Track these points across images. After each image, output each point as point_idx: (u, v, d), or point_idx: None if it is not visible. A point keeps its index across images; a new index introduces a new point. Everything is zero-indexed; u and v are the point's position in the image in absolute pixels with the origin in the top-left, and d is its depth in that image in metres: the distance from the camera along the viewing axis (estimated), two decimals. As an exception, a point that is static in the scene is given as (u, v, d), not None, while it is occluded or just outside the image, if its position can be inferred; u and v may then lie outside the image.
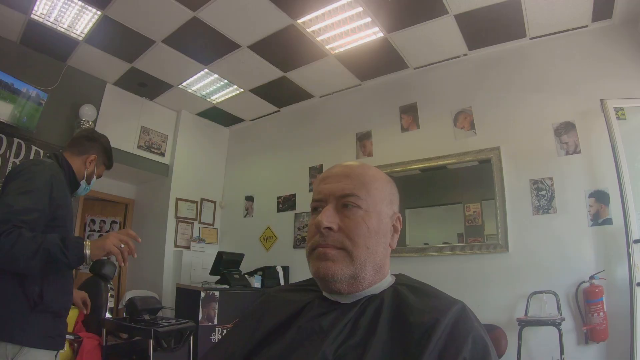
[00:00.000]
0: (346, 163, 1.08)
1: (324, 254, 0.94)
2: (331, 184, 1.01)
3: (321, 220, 0.94)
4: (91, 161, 2.12)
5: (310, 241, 0.99)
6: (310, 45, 4.90)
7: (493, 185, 4.60)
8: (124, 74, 5.66)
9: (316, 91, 6.16)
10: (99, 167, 2.18)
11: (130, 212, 6.91)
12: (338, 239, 0.94)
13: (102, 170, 2.21)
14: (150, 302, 4.17)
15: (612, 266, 3.79)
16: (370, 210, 0.97)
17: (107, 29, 4.64)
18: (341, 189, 0.98)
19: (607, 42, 4.28)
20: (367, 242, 0.94)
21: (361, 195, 0.97)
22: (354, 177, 1.00)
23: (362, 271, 0.94)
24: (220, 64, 5.40)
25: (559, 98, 4.38)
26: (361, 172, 1.02)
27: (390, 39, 4.76)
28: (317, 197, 1.02)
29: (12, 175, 1.75)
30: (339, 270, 0.92)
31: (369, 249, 0.94)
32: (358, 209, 0.96)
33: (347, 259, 0.93)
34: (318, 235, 0.96)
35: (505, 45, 4.83)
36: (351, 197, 0.96)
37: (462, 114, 4.99)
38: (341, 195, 0.97)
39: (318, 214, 0.98)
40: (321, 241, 0.95)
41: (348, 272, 0.93)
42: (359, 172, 1.02)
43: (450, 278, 4.54)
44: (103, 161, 2.20)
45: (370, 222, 0.96)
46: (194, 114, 6.93)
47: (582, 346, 3.82)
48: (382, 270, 0.99)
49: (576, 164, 4.18)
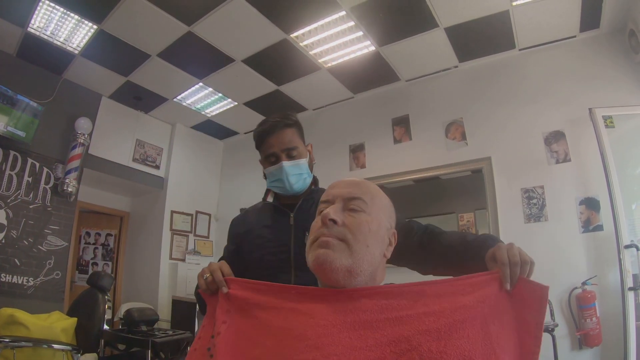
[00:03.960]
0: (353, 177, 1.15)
1: (326, 242, 0.97)
2: (339, 188, 1.08)
3: (328, 212, 0.99)
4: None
5: (313, 234, 1.03)
6: (303, 59, 4.96)
7: (485, 195, 4.65)
8: (119, 88, 5.69)
9: (309, 104, 6.22)
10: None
11: (126, 225, 6.90)
12: (341, 231, 0.98)
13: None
14: (147, 313, 4.18)
15: (604, 271, 3.83)
16: (373, 215, 1.03)
17: (103, 42, 4.67)
18: (348, 192, 1.05)
19: (595, 51, 4.37)
20: (367, 240, 0.99)
21: (366, 200, 1.04)
22: (361, 185, 1.08)
23: (359, 266, 0.97)
24: (215, 78, 5.44)
25: (549, 107, 4.45)
26: (367, 184, 1.10)
27: (382, 52, 4.83)
28: (325, 199, 1.08)
29: None
30: (337, 259, 0.95)
31: (368, 247, 0.98)
32: (362, 212, 1.02)
33: (346, 251, 0.96)
34: (322, 227, 1.00)
35: (495, 56, 4.91)
36: (357, 200, 1.03)
37: (453, 125, 5.05)
38: (348, 197, 1.04)
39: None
40: (324, 231, 0.99)
41: (346, 263, 0.95)
42: (366, 183, 1.10)
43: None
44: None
45: (372, 225, 1.01)
46: (189, 127, 6.95)
47: (575, 351, 3.85)
48: (377, 273, 1.03)
49: (566, 172, 4.24)
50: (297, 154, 1.70)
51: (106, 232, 6.79)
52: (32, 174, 4.94)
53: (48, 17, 4.36)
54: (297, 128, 1.75)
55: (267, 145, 1.70)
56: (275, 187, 1.73)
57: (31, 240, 4.82)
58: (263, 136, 1.71)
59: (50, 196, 5.07)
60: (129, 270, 6.65)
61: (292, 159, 1.69)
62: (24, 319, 3.43)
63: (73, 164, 5.15)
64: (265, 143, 1.71)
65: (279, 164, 1.67)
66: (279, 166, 1.67)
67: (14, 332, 3.36)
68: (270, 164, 1.71)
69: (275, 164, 1.69)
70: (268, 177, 1.75)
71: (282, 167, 1.66)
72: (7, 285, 4.55)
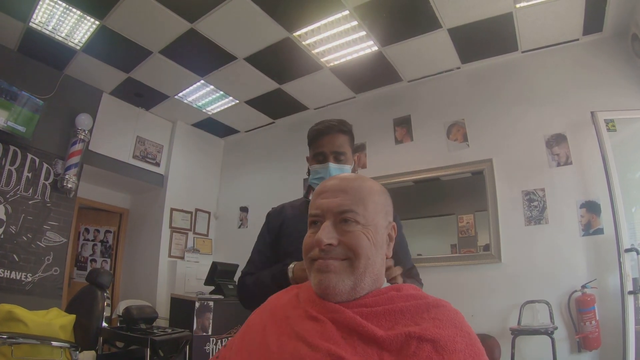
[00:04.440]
0: (342, 175, 1.10)
1: (326, 265, 0.94)
2: (328, 198, 1.01)
3: (321, 238, 0.94)
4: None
5: (308, 253, 1.00)
6: (306, 58, 4.95)
7: (486, 196, 4.65)
8: (120, 84, 5.68)
9: (311, 103, 6.21)
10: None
11: (125, 222, 6.90)
12: (340, 252, 0.95)
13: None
14: (146, 311, 4.17)
15: (604, 275, 3.84)
16: (367, 224, 0.98)
17: (105, 38, 4.66)
18: (338, 204, 0.98)
19: (598, 55, 4.37)
20: (368, 253, 0.95)
21: (358, 211, 0.98)
22: (350, 192, 1.00)
23: (362, 281, 0.95)
24: (217, 76, 5.43)
25: (550, 110, 4.46)
26: (357, 186, 1.03)
27: (384, 52, 4.82)
28: (314, 212, 1.02)
29: None
30: (340, 282, 0.93)
31: (369, 260, 0.95)
32: (356, 224, 0.97)
33: (348, 270, 0.94)
34: (318, 250, 0.96)
35: (498, 58, 4.91)
36: (349, 213, 0.97)
37: (455, 127, 5.05)
38: (339, 211, 0.98)
39: (317, 229, 0.99)
40: (322, 255, 0.96)
41: (349, 283, 0.93)
42: (356, 186, 1.02)
43: (444, 288, 4.52)
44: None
45: (369, 235, 0.97)
46: (190, 124, 6.94)
47: (575, 355, 3.85)
48: (378, 280, 1.00)
49: (567, 175, 4.25)
50: (344, 159, 1.81)
51: (105, 229, 6.78)
52: (32, 170, 4.93)
53: (50, 12, 4.35)
54: (350, 137, 1.86)
55: (318, 144, 1.81)
56: (316, 184, 1.79)
57: (30, 236, 4.81)
58: (317, 135, 1.82)
59: (50, 192, 5.06)
60: (127, 268, 6.64)
61: (338, 162, 1.79)
62: (22, 315, 3.41)
63: (73, 160, 5.13)
64: (318, 142, 1.81)
65: (325, 163, 1.78)
66: (325, 165, 1.78)
67: (12, 328, 3.34)
68: (317, 162, 1.82)
69: (322, 163, 1.79)
70: (312, 173, 1.84)
71: (328, 167, 1.77)
72: (6, 281, 4.55)
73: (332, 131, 1.80)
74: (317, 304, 0.96)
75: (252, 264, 1.80)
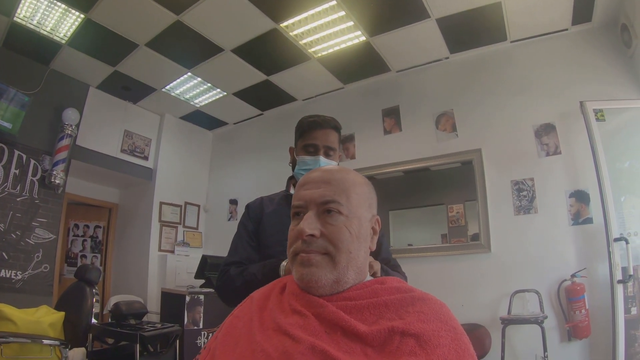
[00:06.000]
0: (325, 167, 1.09)
1: (308, 260, 0.93)
2: (311, 189, 1.00)
3: (303, 228, 0.94)
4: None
5: (291, 247, 0.99)
6: (293, 48, 4.91)
7: (475, 186, 4.65)
8: (107, 78, 5.62)
9: (299, 94, 6.18)
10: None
11: (114, 217, 6.86)
12: (321, 245, 0.94)
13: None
14: (135, 306, 4.15)
15: (593, 264, 3.86)
16: (351, 215, 0.97)
17: (91, 32, 4.61)
18: (321, 195, 0.98)
19: (587, 45, 4.37)
20: (349, 247, 0.94)
21: (342, 201, 0.97)
22: (333, 183, 1.00)
23: (345, 275, 0.94)
24: (204, 68, 5.39)
25: (540, 100, 4.45)
26: (341, 178, 1.02)
27: (372, 42, 4.79)
28: (298, 202, 1.01)
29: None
30: (322, 277, 0.92)
31: (351, 254, 0.95)
32: (339, 215, 0.96)
33: (330, 264, 0.93)
34: (300, 242, 0.95)
35: (487, 48, 4.90)
36: (332, 203, 0.96)
37: (444, 117, 5.04)
38: (322, 201, 0.97)
39: (299, 220, 0.98)
40: (304, 247, 0.95)
41: (331, 277, 0.93)
42: (339, 178, 1.02)
43: (434, 278, 4.57)
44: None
45: (351, 228, 0.96)
46: (178, 117, 6.89)
47: (565, 343, 3.88)
48: (362, 272, 1.00)
49: (556, 165, 4.26)
50: (333, 156, 1.82)
51: (95, 224, 6.75)
52: (19, 166, 4.88)
53: (34, 7, 4.30)
54: (339, 136, 1.89)
55: (311, 136, 1.80)
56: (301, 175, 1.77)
57: (19, 233, 4.78)
58: (312, 126, 1.81)
59: (38, 188, 5.02)
60: (117, 263, 6.62)
61: (328, 158, 1.80)
62: (10, 314, 3.39)
63: (60, 155, 5.08)
64: (311, 133, 1.80)
65: (317, 156, 1.78)
66: (316, 158, 1.78)
67: (1, 327, 3.32)
68: (307, 154, 1.81)
69: (313, 155, 1.79)
70: (299, 164, 1.83)
71: (319, 160, 1.77)
72: (-5, 279, 4.52)
73: (327, 126, 1.81)
74: (300, 297, 0.95)
75: (235, 252, 1.78)
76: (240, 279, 1.62)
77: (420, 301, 0.89)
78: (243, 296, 1.16)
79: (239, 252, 1.77)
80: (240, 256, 1.75)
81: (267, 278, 1.49)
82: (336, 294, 0.94)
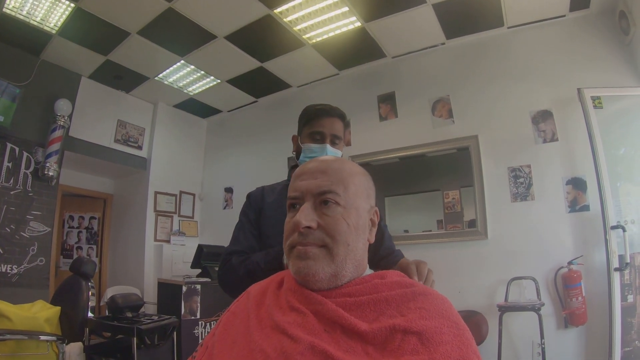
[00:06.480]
0: (322, 158, 1.06)
1: (305, 252, 0.91)
2: (307, 180, 0.98)
3: (299, 220, 0.91)
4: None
5: (288, 239, 0.96)
6: (287, 35, 4.85)
7: (472, 173, 4.64)
8: (99, 67, 5.54)
9: (294, 81, 6.12)
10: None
11: (109, 207, 6.83)
12: (318, 237, 0.92)
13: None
14: (131, 299, 4.14)
15: (590, 252, 3.87)
16: (348, 206, 0.95)
17: (81, 21, 4.53)
18: (318, 185, 0.95)
19: (585, 31, 4.32)
20: (347, 239, 0.92)
21: (339, 192, 0.95)
22: (330, 173, 0.97)
23: (343, 269, 0.92)
24: (197, 55, 5.32)
25: (537, 87, 4.42)
26: (338, 167, 0.99)
27: (367, 28, 4.73)
28: (294, 194, 0.99)
29: None
30: (320, 270, 0.90)
31: (349, 246, 0.92)
32: (337, 205, 0.94)
33: (327, 257, 0.91)
34: (297, 234, 0.93)
35: (483, 34, 4.84)
36: (329, 193, 0.94)
37: (440, 103, 5.01)
38: (318, 192, 0.95)
39: (295, 212, 0.95)
40: (301, 239, 0.92)
41: (329, 270, 0.90)
42: (336, 167, 0.99)
43: (430, 265, 4.54)
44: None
45: (349, 219, 0.94)
46: (171, 105, 6.82)
47: (561, 330, 3.90)
48: (361, 266, 0.98)
49: (553, 152, 4.24)
50: (338, 144, 1.82)
51: (90, 215, 6.72)
52: (12, 159, 4.82)
53: (24, -4, 4.21)
54: (345, 126, 1.87)
55: (319, 124, 1.78)
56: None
57: (13, 227, 4.73)
58: (319, 114, 1.80)
59: (32, 181, 4.97)
60: (114, 253, 6.61)
61: (334, 146, 1.80)
62: (6, 310, 3.36)
63: (53, 147, 5.03)
64: (318, 121, 1.79)
65: (323, 144, 1.77)
66: (323, 146, 1.77)
67: (-3, 324, 3.31)
68: (313, 141, 1.79)
69: (319, 142, 1.77)
70: (304, 152, 1.81)
71: (326, 149, 1.76)
72: (-9, 274, 4.50)
73: (334, 114, 1.80)
74: (298, 294, 0.94)
75: (237, 242, 1.76)
76: (243, 268, 1.59)
77: (421, 296, 0.87)
78: (246, 286, 1.15)
79: (241, 242, 1.75)
80: (242, 245, 1.73)
81: (270, 266, 1.49)
82: (335, 289, 0.92)
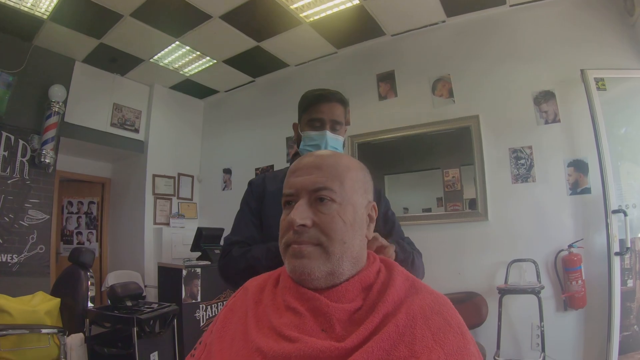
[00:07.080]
0: (317, 152, 1.03)
1: (300, 251, 0.90)
2: (302, 176, 0.96)
3: (294, 218, 0.90)
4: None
5: (283, 238, 0.95)
6: (284, 13, 4.75)
7: (472, 153, 4.60)
8: (92, 51, 5.46)
9: (291, 60, 6.02)
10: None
11: (107, 192, 6.82)
12: (313, 235, 0.90)
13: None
14: (131, 287, 4.14)
15: (591, 235, 3.85)
16: (344, 202, 0.93)
17: (73, 5, 4.45)
18: (313, 182, 0.93)
19: (589, 10, 4.19)
20: (343, 237, 0.90)
21: (334, 188, 0.93)
22: (325, 169, 0.95)
23: (340, 267, 0.90)
24: (192, 36, 5.23)
25: (539, 66, 4.33)
26: (333, 163, 0.97)
27: (366, 5, 4.63)
28: (288, 191, 0.97)
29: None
30: (315, 268, 0.89)
31: (345, 244, 0.91)
32: (332, 202, 0.92)
33: (323, 256, 0.89)
34: (292, 233, 0.92)
35: (485, 12, 4.72)
36: (324, 190, 0.92)
37: (440, 82, 4.93)
38: (313, 189, 0.93)
39: (291, 209, 0.93)
40: (296, 238, 0.91)
41: (325, 269, 0.89)
42: (331, 163, 0.97)
43: (430, 246, 4.47)
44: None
45: (345, 216, 0.92)
46: (167, 87, 6.75)
47: (561, 313, 3.92)
48: (359, 262, 0.96)
49: (555, 133, 4.19)
50: (339, 130, 1.78)
51: (88, 200, 6.72)
52: (8, 148, 4.79)
53: (12, -17, 4.12)
54: (345, 109, 1.82)
55: (317, 110, 1.75)
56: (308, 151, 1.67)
57: (12, 216, 4.73)
58: (317, 100, 1.76)
59: (28, 169, 4.94)
60: (113, 238, 6.63)
61: (335, 132, 1.76)
62: (6, 305, 3.35)
63: (49, 133, 4.99)
64: (317, 107, 1.75)
65: (323, 130, 1.74)
66: (322, 133, 1.73)
67: (-2, 319, 3.31)
68: (312, 129, 1.76)
69: (318, 129, 1.74)
70: (304, 140, 1.79)
71: (326, 135, 1.73)
72: (-8, 264, 4.51)
73: (333, 99, 1.75)
74: (294, 291, 0.93)
75: (239, 231, 1.74)
76: (244, 262, 1.58)
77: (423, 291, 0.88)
78: (246, 278, 1.14)
79: (242, 231, 1.73)
80: (243, 235, 1.72)
81: (271, 262, 1.47)
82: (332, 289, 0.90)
